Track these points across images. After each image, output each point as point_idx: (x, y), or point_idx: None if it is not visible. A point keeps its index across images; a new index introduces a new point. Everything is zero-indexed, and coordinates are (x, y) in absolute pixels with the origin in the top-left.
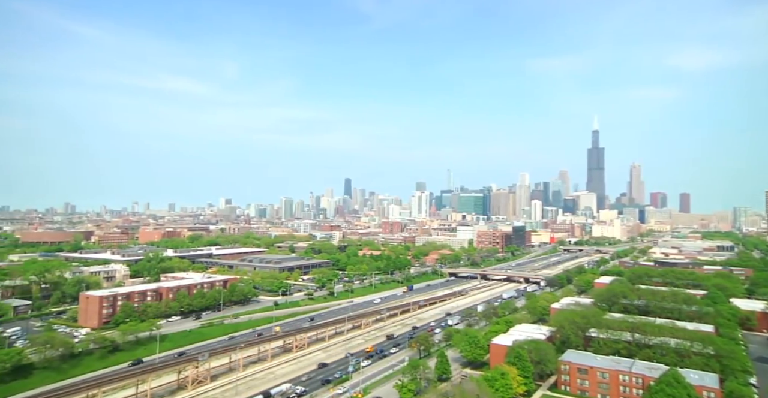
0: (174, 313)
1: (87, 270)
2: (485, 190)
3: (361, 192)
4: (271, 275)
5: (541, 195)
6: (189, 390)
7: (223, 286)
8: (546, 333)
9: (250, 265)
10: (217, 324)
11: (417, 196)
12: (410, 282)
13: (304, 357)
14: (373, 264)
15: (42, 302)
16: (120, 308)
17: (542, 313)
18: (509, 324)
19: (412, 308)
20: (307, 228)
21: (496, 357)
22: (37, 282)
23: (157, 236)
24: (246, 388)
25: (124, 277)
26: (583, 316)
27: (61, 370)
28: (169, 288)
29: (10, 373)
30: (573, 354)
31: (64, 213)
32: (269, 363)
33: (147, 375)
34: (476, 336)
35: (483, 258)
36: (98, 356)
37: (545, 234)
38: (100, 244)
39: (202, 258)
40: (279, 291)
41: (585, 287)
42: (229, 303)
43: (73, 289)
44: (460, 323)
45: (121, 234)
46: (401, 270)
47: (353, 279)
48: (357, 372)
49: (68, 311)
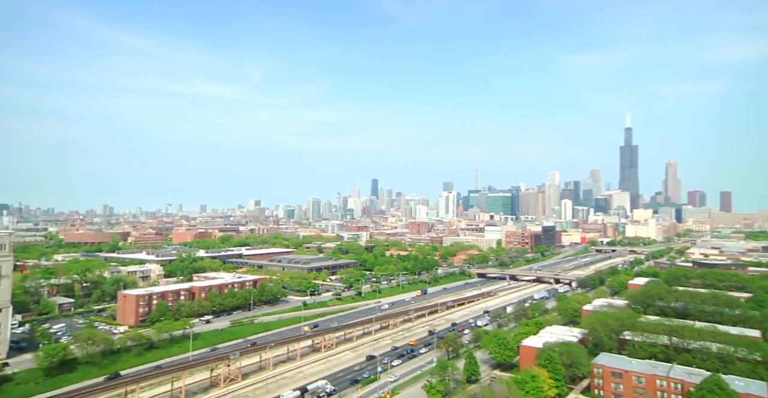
0: (206, 312)
1: (124, 270)
2: (513, 189)
3: (387, 192)
4: (299, 275)
5: (572, 194)
6: (221, 388)
7: (253, 286)
8: (578, 335)
9: (279, 266)
10: (247, 324)
11: (444, 196)
12: (438, 282)
13: (333, 357)
14: (401, 264)
15: (84, 300)
16: (155, 307)
17: (573, 315)
18: (539, 325)
19: (440, 309)
20: (335, 228)
21: (526, 359)
22: (79, 281)
23: (189, 237)
24: (276, 387)
25: (159, 277)
26: (616, 318)
27: (102, 365)
28: (201, 287)
29: (58, 367)
30: (606, 357)
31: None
32: (298, 362)
33: (181, 372)
34: (505, 337)
35: (512, 259)
36: (135, 353)
37: (576, 234)
38: (136, 245)
39: (232, 259)
40: (307, 292)
41: (618, 288)
42: (259, 302)
43: (111, 288)
44: (489, 324)
45: (155, 235)
46: (429, 271)
47: (380, 279)
48: (385, 372)
49: (107, 309)
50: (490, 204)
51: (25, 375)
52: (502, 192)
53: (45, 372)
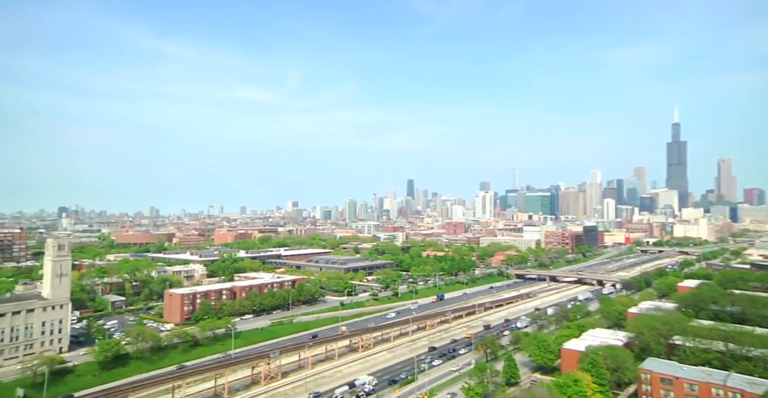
0: (247, 311)
1: (170, 270)
2: (553, 188)
3: (423, 192)
4: (336, 276)
5: (615, 193)
6: (262, 385)
7: (292, 286)
8: (622, 339)
9: (316, 266)
10: (286, 323)
11: (481, 196)
12: (475, 283)
13: (371, 357)
14: (437, 265)
15: (133, 298)
16: (199, 306)
17: (618, 318)
18: (581, 328)
19: (478, 310)
20: (371, 229)
21: (568, 362)
22: (129, 280)
23: (230, 238)
24: (315, 386)
25: (202, 277)
26: (665, 322)
27: (151, 361)
28: (242, 287)
29: (112, 361)
30: (655, 362)
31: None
32: (336, 362)
33: (224, 369)
34: (546, 340)
35: (551, 260)
36: (181, 350)
37: (619, 234)
38: (181, 245)
39: (271, 259)
40: (344, 292)
41: (666, 291)
42: (298, 302)
43: (158, 287)
44: (528, 326)
45: (198, 236)
46: (465, 272)
47: (417, 280)
48: (422, 373)
49: (155, 307)
50: (529, 204)
51: (84, 368)
52: (540, 191)
53: (101, 365)
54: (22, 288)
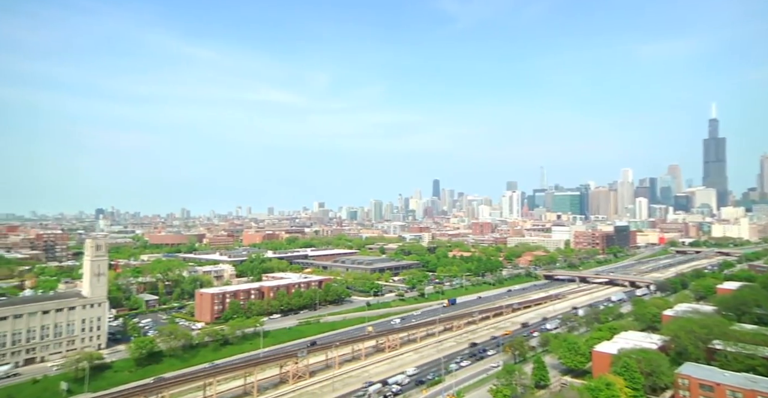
0: (275, 311)
1: (200, 270)
2: (582, 188)
3: (449, 193)
4: (363, 276)
5: (647, 192)
6: (290, 384)
7: (319, 286)
8: (657, 342)
9: (342, 266)
10: (313, 323)
11: (508, 195)
12: (503, 284)
13: (397, 358)
14: (464, 265)
15: (166, 297)
16: (228, 305)
17: (652, 320)
18: (613, 330)
19: (506, 311)
20: (397, 229)
21: (600, 365)
22: (162, 280)
23: (258, 238)
24: (342, 385)
25: (231, 277)
26: (703, 326)
27: (183, 359)
28: (270, 287)
29: (146, 358)
30: (693, 367)
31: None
32: (363, 362)
33: (253, 367)
34: (576, 342)
35: (581, 260)
36: (212, 348)
37: (653, 234)
38: (210, 246)
39: (298, 259)
40: (371, 292)
41: (704, 293)
42: (324, 302)
43: (190, 287)
44: (558, 328)
45: (227, 236)
46: (493, 272)
47: (443, 280)
48: (450, 374)
49: (186, 306)
50: (557, 204)
51: (121, 364)
52: (569, 190)
53: (136, 362)
54: (64, 287)
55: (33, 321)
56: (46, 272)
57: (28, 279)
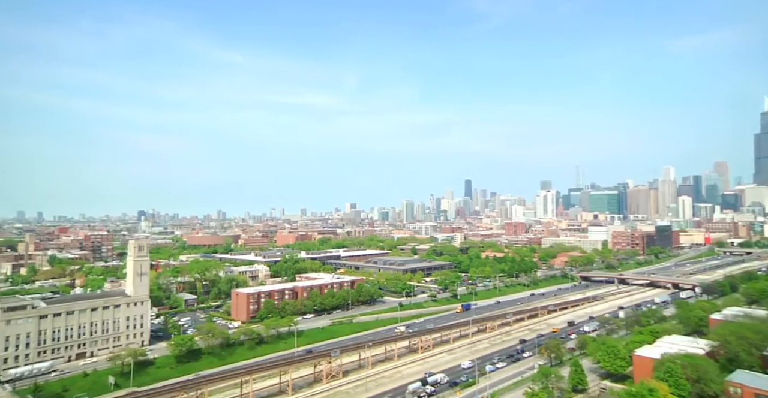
0: (308, 311)
1: (236, 270)
2: (620, 186)
3: (482, 193)
4: (395, 276)
5: (691, 190)
6: (324, 384)
7: (351, 287)
8: (704, 347)
9: (374, 267)
10: (346, 323)
11: (542, 195)
12: (537, 285)
13: (430, 359)
14: (497, 266)
15: (204, 296)
16: (263, 305)
17: (698, 324)
18: (655, 334)
19: (541, 313)
20: (429, 230)
21: (641, 370)
22: (199, 280)
23: (291, 239)
24: (375, 385)
25: (266, 277)
26: (757, 331)
27: (221, 356)
28: (303, 287)
29: (186, 355)
30: (746, 375)
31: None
32: (396, 362)
33: (288, 366)
34: (616, 345)
35: (620, 261)
36: (248, 347)
37: (698, 234)
38: (246, 247)
39: (331, 260)
40: (403, 293)
41: (757, 296)
42: (357, 302)
43: (226, 286)
44: (596, 330)
45: (261, 237)
46: (527, 273)
47: (476, 281)
48: (483, 376)
49: (223, 305)
50: (594, 203)
51: (163, 361)
52: (607, 189)
53: (177, 359)
54: (109, 286)
55: (83, 318)
56: (94, 271)
57: (78, 278)
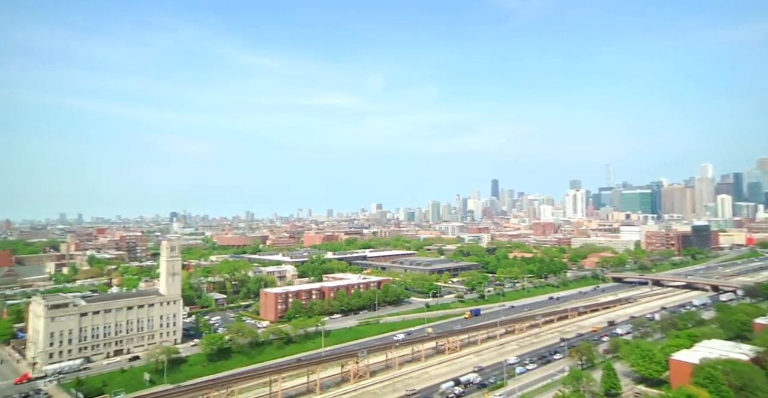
0: (335, 311)
1: (264, 270)
2: (654, 185)
3: (509, 192)
4: (421, 277)
5: (731, 188)
6: (351, 383)
7: (378, 287)
8: (748, 353)
9: (401, 267)
10: (373, 323)
11: (571, 194)
12: (567, 286)
13: (457, 360)
14: (525, 267)
15: (233, 296)
16: (291, 304)
17: (741, 329)
18: (694, 338)
19: (571, 315)
20: (455, 230)
21: (679, 375)
22: (229, 280)
23: (318, 240)
24: (403, 386)
25: (293, 277)
26: None
27: (250, 355)
28: (330, 287)
29: (217, 354)
30: None
31: (246, 220)
32: (423, 363)
33: (316, 366)
34: (651, 349)
35: (654, 262)
36: (276, 346)
37: (739, 234)
38: (273, 247)
39: (357, 260)
40: (430, 293)
41: None
42: (383, 303)
43: (255, 286)
44: (630, 333)
45: (289, 238)
46: (556, 274)
47: (504, 282)
48: (512, 378)
49: (252, 305)
50: (626, 203)
51: (194, 359)
52: (639, 188)
53: (208, 357)
54: (144, 285)
55: (120, 316)
56: (129, 271)
57: (114, 278)
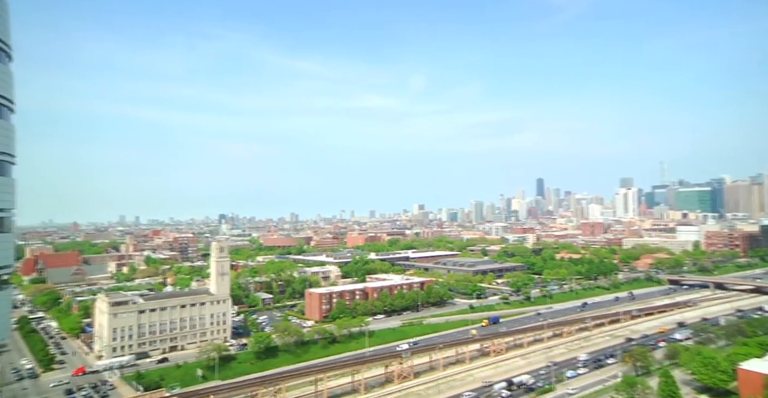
0: (378, 312)
1: (309, 271)
2: (714, 182)
3: (555, 192)
4: (464, 278)
5: None
6: (395, 384)
7: (421, 288)
8: None
9: (444, 268)
10: (416, 324)
11: (622, 193)
12: (618, 289)
13: (503, 362)
14: (573, 268)
15: (279, 296)
16: (335, 305)
17: None
18: (765, 347)
19: (623, 318)
20: (499, 231)
21: (749, 386)
22: (275, 280)
23: (361, 240)
24: (447, 388)
25: (337, 277)
26: None
27: (296, 354)
28: (373, 288)
29: (264, 352)
30: None
31: (291, 222)
32: (467, 365)
33: (360, 366)
34: (714, 357)
35: (716, 264)
36: (321, 345)
37: None
38: (317, 248)
39: (400, 261)
40: (473, 295)
41: None
42: (426, 304)
43: (300, 287)
44: (689, 339)
45: (332, 239)
46: (606, 276)
47: (550, 283)
48: (561, 383)
49: (297, 305)
50: (683, 201)
51: (243, 356)
52: (698, 186)
53: (256, 355)
54: (195, 285)
55: (174, 313)
56: (182, 271)
57: (168, 277)
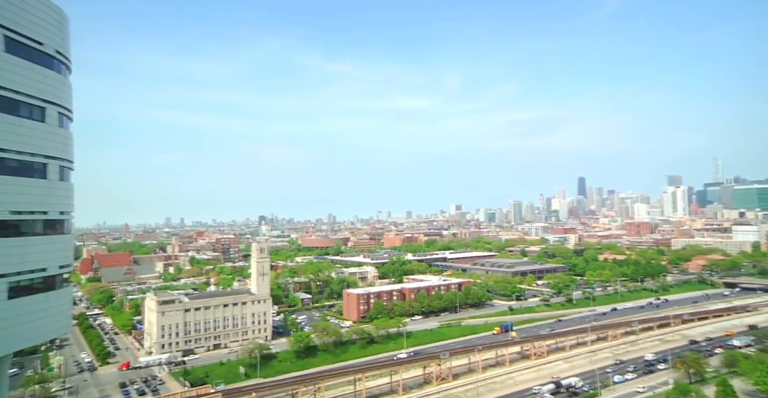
0: (416, 312)
1: (346, 271)
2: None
3: (597, 190)
4: (503, 279)
5: None
6: (434, 386)
7: (458, 289)
8: None
9: (482, 269)
10: (454, 325)
11: (670, 191)
12: (668, 291)
13: (544, 366)
14: (617, 270)
15: (317, 296)
16: (373, 305)
17: None
18: None
19: (674, 322)
20: (539, 231)
21: None
22: (313, 280)
23: (398, 241)
24: (486, 390)
25: (374, 278)
26: None
27: (335, 354)
28: (411, 289)
29: (304, 351)
30: None
31: (328, 223)
32: (507, 367)
33: (398, 366)
34: None
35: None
36: (359, 346)
37: None
38: (354, 249)
39: (437, 262)
40: (513, 296)
41: None
42: (464, 305)
43: (338, 287)
44: (751, 345)
45: (369, 240)
46: (654, 278)
47: (593, 285)
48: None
49: (335, 305)
50: (739, 199)
51: (283, 355)
52: (756, 183)
53: (295, 354)
54: (237, 285)
55: (217, 312)
56: (224, 271)
57: (212, 277)
